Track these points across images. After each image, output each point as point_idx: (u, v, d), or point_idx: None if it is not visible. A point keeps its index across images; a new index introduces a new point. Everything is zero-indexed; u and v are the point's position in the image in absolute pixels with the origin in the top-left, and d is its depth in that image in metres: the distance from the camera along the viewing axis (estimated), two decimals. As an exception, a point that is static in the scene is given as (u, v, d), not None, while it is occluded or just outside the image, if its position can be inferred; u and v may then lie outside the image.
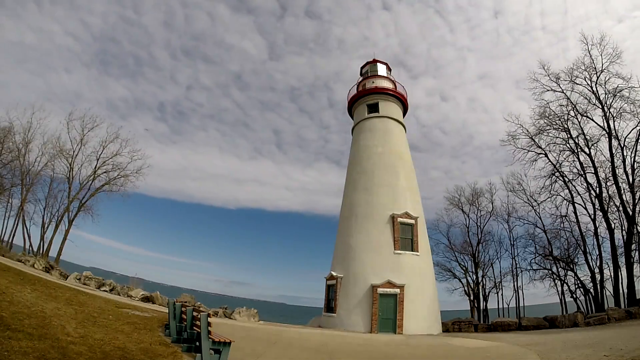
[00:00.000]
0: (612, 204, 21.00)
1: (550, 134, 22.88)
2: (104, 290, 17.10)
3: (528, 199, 25.03)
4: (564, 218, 23.06)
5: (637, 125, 19.68)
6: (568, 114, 22.16)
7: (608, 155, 20.47)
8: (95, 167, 27.26)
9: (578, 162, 21.86)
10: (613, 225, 20.08)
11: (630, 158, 19.81)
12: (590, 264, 21.26)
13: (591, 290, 21.16)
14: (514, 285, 25.97)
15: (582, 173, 21.69)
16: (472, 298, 26.82)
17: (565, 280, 23.59)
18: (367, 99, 22.99)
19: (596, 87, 21.27)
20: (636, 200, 19.05)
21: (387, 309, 16.55)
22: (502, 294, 26.53)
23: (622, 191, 19.85)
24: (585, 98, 21.65)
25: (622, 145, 20.10)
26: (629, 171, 19.69)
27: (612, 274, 20.28)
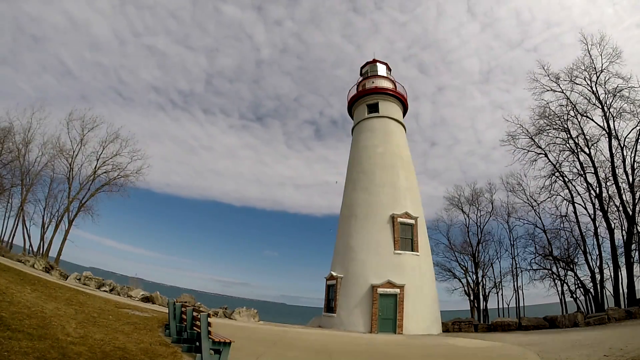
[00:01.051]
0: (612, 204, 20.99)
1: (550, 134, 22.87)
2: (104, 291, 17.10)
3: (528, 199, 25.04)
4: (563, 218, 23.06)
5: (637, 125, 19.67)
6: (568, 114, 22.15)
7: (608, 155, 20.45)
8: (95, 167, 27.28)
9: (578, 162, 21.85)
10: (613, 225, 20.07)
11: (630, 158, 19.79)
12: (590, 264, 21.23)
13: (591, 290, 21.13)
14: (514, 285, 25.97)
15: (582, 173, 21.67)
16: (472, 298, 26.80)
17: (565, 280, 23.56)
18: (367, 99, 22.99)
19: (596, 87, 21.28)
20: (636, 200, 19.04)
21: (387, 309, 16.55)
22: (502, 294, 26.53)
23: (622, 191, 19.83)
24: (585, 98, 21.64)
25: (622, 145, 20.09)
26: (629, 171, 19.68)
27: (612, 274, 20.29)
